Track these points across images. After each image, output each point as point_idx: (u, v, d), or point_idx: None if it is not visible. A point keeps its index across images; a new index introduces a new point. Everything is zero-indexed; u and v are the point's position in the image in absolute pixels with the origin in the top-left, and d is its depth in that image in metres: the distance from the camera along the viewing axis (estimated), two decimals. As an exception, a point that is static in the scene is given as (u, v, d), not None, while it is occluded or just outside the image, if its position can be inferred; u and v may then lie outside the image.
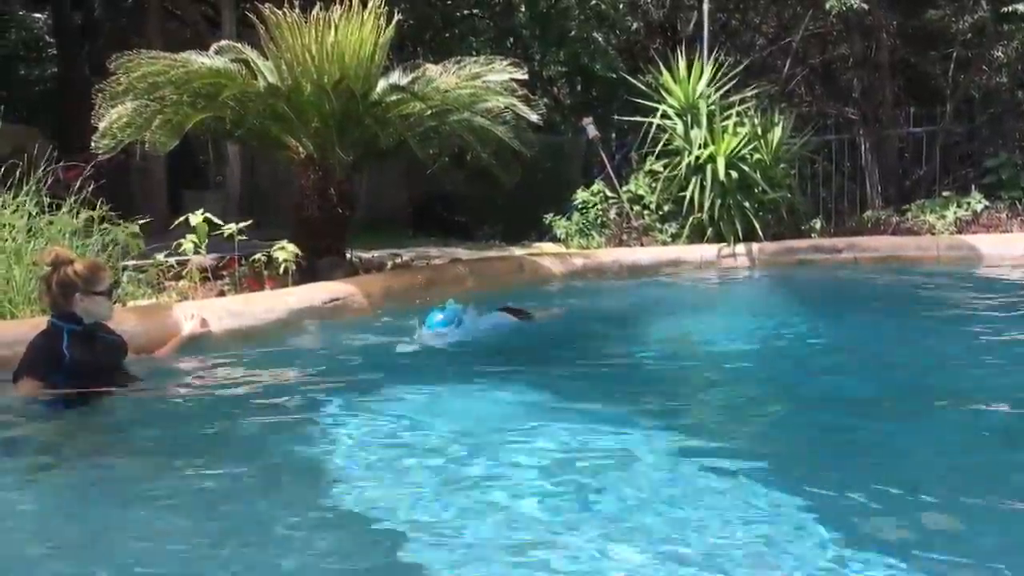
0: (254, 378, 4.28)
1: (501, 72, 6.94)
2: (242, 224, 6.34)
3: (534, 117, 6.90)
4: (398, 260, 8.40)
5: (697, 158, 9.17)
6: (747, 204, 9.02)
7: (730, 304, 7.49)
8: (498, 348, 5.22)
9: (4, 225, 5.22)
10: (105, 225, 5.66)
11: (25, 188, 5.42)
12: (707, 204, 9.02)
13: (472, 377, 4.39)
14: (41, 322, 4.20)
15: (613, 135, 14.11)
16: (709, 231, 9.12)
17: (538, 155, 7.49)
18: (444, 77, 6.93)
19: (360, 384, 4.19)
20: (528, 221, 10.87)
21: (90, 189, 5.67)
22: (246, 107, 6.69)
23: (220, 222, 6.25)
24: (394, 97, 6.76)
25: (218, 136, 9.39)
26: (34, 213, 5.35)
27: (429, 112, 6.80)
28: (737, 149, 9.13)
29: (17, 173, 5.46)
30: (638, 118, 9.79)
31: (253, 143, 8.47)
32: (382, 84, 6.85)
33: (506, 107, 6.89)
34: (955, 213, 9.63)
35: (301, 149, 7.04)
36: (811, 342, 5.58)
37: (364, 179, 7.55)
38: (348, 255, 7.36)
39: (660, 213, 9.65)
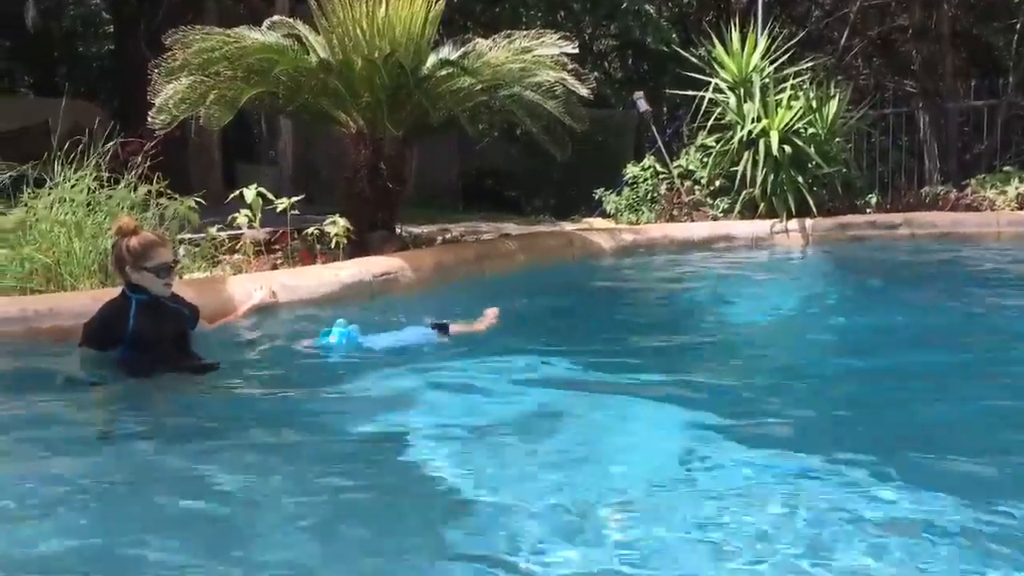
0: (310, 352, 4.32)
1: (551, 46, 6.89)
2: (294, 199, 6.41)
3: (584, 91, 6.85)
4: (448, 235, 8.44)
5: (750, 132, 9.04)
6: (800, 179, 8.88)
7: (782, 281, 7.40)
8: (542, 327, 5.23)
9: (65, 199, 5.34)
10: (162, 199, 5.77)
11: (85, 163, 5.53)
12: (759, 179, 8.90)
13: (517, 351, 4.40)
14: (101, 293, 4.32)
15: (664, 109, 13.98)
16: (761, 207, 9.00)
17: (588, 130, 7.44)
18: (494, 51, 6.91)
19: (414, 359, 4.22)
20: (578, 196, 10.84)
21: (147, 164, 5.77)
22: (298, 82, 6.74)
23: (273, 197, 6.33)
24: (444, 72, 6.76)
25: (271, 111, 9.51)
26: (93, 188, 5.46)
27: (479, 87, 6.79)
28: (791, 123, 8.98)
29: (77, 148, 5.57)
30: (690, 92, 9.67)
31: (305, 118, 8.54)
32: (432, 59, 6.85)
33: (556, 81, 6.84)
34: (1017, 188, 9.37)
35: (352, 124, 7.08)
36: (865, 319, 5.49)
37: (414, 154, 7.56)
38: (398, 230, 7.41)
39: (711, 188, 9.54)
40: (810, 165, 9.01)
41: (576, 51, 6.96)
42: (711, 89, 9.44)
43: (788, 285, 7.18)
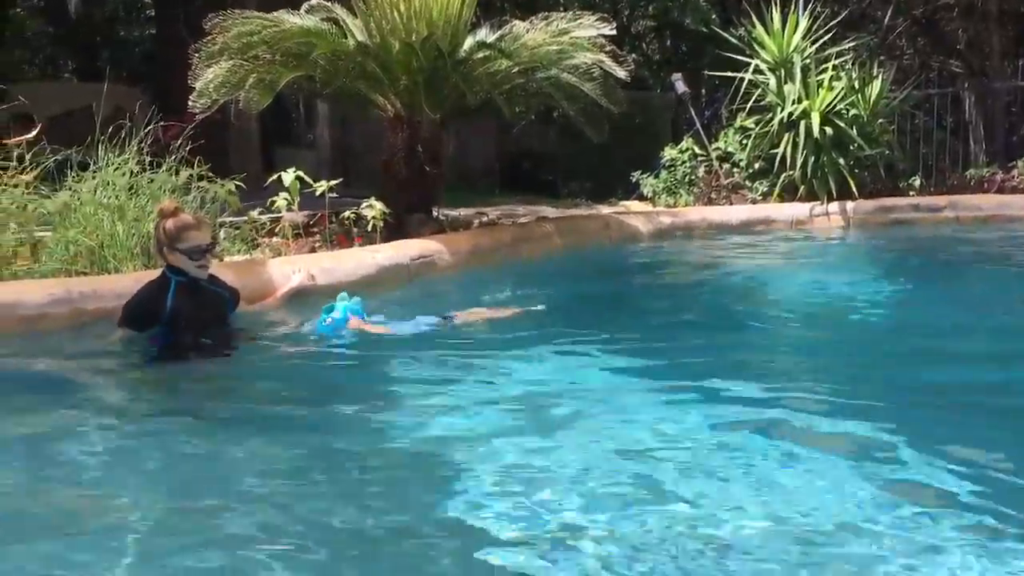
0: (350, 335, 4.34)
1: (589, 28, 6.85)
2: (332, 182, 6.45)
3: (622, 73, 6.80)
4: (485, 218, 8.44)
5: (790, 114, 8.92)
6: (842, 161, 8.76)
7: (822, 264, 7.31)
8: (580, 311, 5.22)
9: (108, 183, 5.41)
10: (203, 183, 5.83)
11: (127, 147, 5.60)
12: (800, 161, 8.79)
13: (553, 334, 4.39)
14: (143, 275, 4.38)
15: (703, 91, 13.84)
16: (801, 189, 8.90)
17: (626, 112, 7.39)
18: (531, 34, 6.88)
19: (451, 342, 4.23)
20: (615, 179, 10.78)
21: (188, 147, 5.83)
22: (336, 65, 6.77)
23: (311, 180, 6.37)
24: (481, 54, 6.75)
25: (309, 94, 9.56)
26: (136, 171, 5.53)
27: (516, 69, 6.77)
28: (832, 104, 8.85)
29: (120, 132, 5.64)
30: (729, 73, 9.57)
31: (343, 101, 8.58)
32: (469, 41, 6.84)
33: (594, 63, 6.80)
34: (1066, 170, 9.17)
35: (389, 107, 7.10)
36: (907, 304, 5.42)
37: (451, 137, 7.57)
38: (435, 213, 7.43)
39: (750, 171, 9.44)
40: (852, 147, 8.88)
41: (614, 32, 6.92)
42: (751, 70, 9.32)
43: (828, 269, 7.09)
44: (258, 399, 3.57)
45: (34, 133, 5.65)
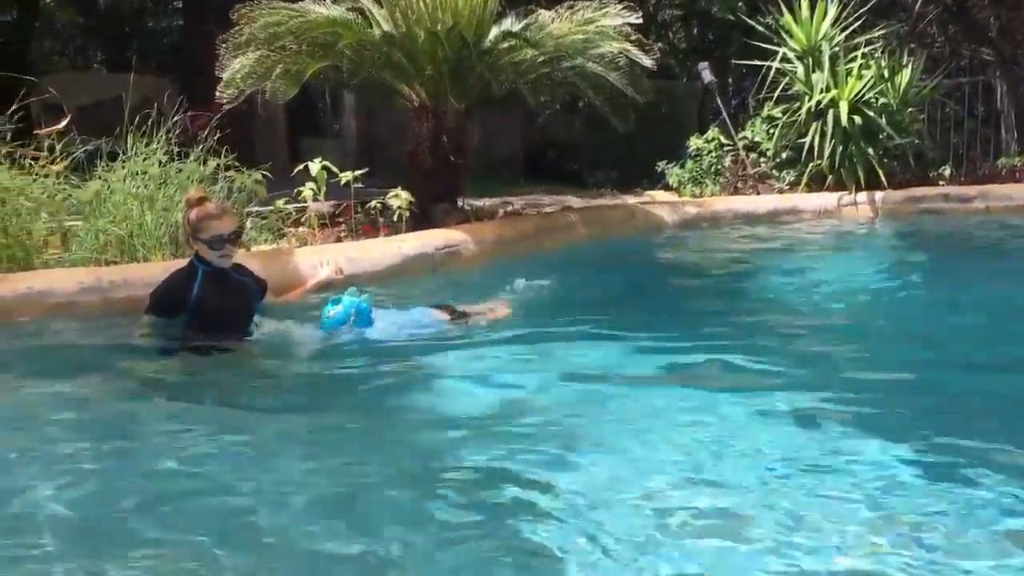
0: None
1: (614, 16, 6.82)
2: (358, 172, 6.47)
3: (648, 62, 6.77)
4: (510, 208, 8.44)
5: (818, 103, 8.84)
6: (871, 151, 8.67)
7: (850, 255, 7.25)
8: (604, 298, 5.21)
9: (137, 173, 5.47)
10: (230, 172, 5.87)
11: (156, 137, 5.65)
12: (827, 151, 8.71)
13: (576, 324, 4.39)
14: (172, 264, 4.43)
15: (730, 80, 13.74)
16: (829, 179, 8.83)
17: (652, 101, 7.35)
18: (557, 23, 6.86)
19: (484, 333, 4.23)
20: (641, 169, 10.73)
21: (216, 137, 5.88)
22: (362, 55, 6.78)
23: (337, 170, 6.39)
24: (506, 44, 6.73)
25: (335, 85, 9.59)
26: (164, 161, 5.58)
27: (541, 59, 6.76)
28: (861, 93, 8.76)
29: (148, 122, 5.70)
30: (756, 62, 9.48)
31: (369, 91, 8.59)
32: (494, 31, 6.83)
33: (619, 52, 6.77)
34: (1100, 160, 9.02)
35: (415, 97, 7.11)
36: (936, 295, 5.37)
37: (476, 127, 7.57)
38: (461, 202, 7.44)
39: (777, 160, 9.37)
40: (881, 136, 8.79)
41: (640, 21, 6.88)
42: (778, 59, 9.24)
43: (856, 259, 7.04)
44: (282, 388, 3.60)
45: (64, 123, 5.71)
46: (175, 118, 5.80)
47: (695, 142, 9.89)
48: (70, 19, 19.14)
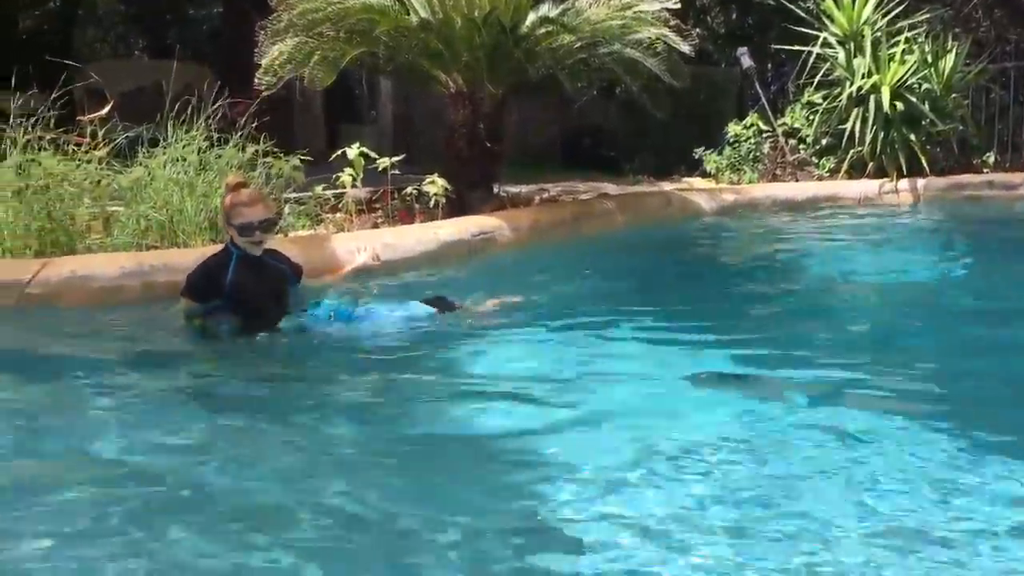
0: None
1: (652, 2, 6.77)
2: (395, 158, 6.50)
3: (686, 48, 6.71)
4: (546, 195, 8.42)
5: (859, 88, 8.71)
6: (913, 137, 8.53)
7: (890, 243, 7.15)
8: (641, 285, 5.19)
9: (177, 159, 5.54)
10: (268, 159, 5.92)
11: (196, 123, 5.71)
12: (869, 137, 8.59)
13: (611, 311, 4.37)
14: (211, 249, 4.48)
15: (769, 65, 13.53)
16: (870, 166, 8.71)
17: (690, 87, 7.30)
18: (594, 8, 6.82)
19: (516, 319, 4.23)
20: (678, 155, 10.64)
21: (254, 124, 5.93)
22: (399, 42, 6.79)
23: (374, 156, 6.42)
24: (543, 30, 6.71)
25: (372, 71, 9.62)
26: (204, 147, 5.65)
27: (579, 44, 6.72)
28: (904, 78, 8.61)
29: (188, 109, 5.76)
30: (796, 47, 9.36)
31: (406, 78, 8.61)
32: (532, 16, 6.80)
33: (657, 38, 6.72)
34: None
35: (451, 83, 7.11)
36: (979, 284, 5.28)
37: (513, 113, 7.56)
38: (496, 189, 7.44)
39: (817, 147, 9.26)
40: (923, 122, 8.65)
41: (678, 6, 6.83)
42: (819, 44, 9.11)
43: (897, 247, 6.94)
44: (305, 378, 3.62)
45: (107, 110, 5.79)
46: (214, 105, 5.86)
47: (733, 128, 9.80)
48: (111, 7, 19.35)
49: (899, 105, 8.52)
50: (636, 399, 3.16)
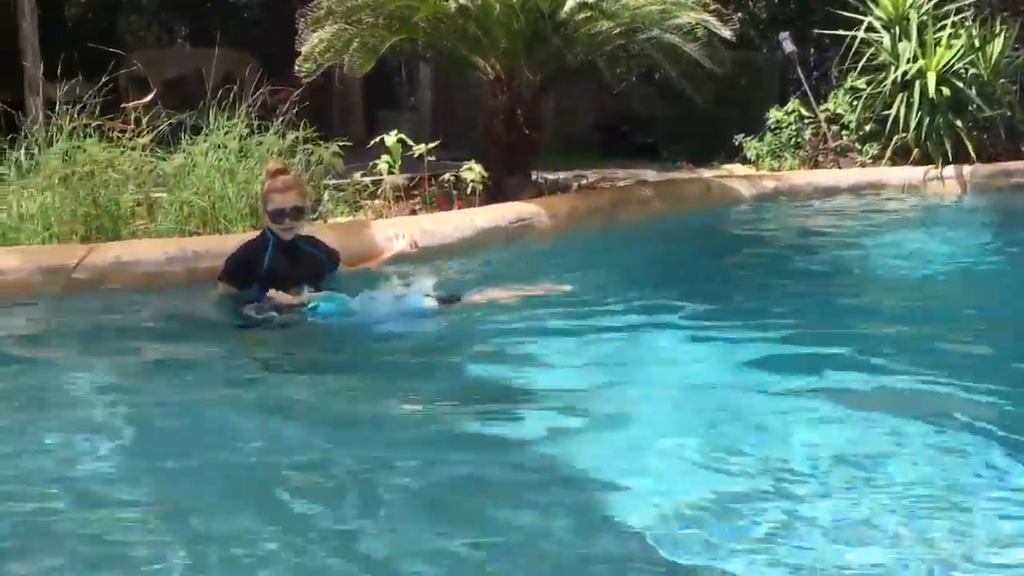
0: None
1: (693, -14, 6.68)
2: (432, 144, 6.51)
3: (727, 33, 6.63)
4: (583, 181, 8.39)
5: (904, 74, 8.56)
6: (959, 123, 8.37)
7: (935, 231, 7.03)
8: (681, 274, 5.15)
9: (219, 146, 5.60)
10: (308, 145, 5.96)
11: (237, 110, 5.77)
12: (913, 123, 8.44)
13: (648, 299, 4.35)
14: (251, 235, 4.53)
15: (812, 50, 13.33)
16: (915, 152, 8.56)
17: (730, 73, 7.21)
18: (633, -7, 6.75)
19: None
20: (718, 142, 10.53)
21: (294, 111, 5.97)
22: (437, 28, 6.79)
23: (412, 143, 6.44)
24: (582, 15, 6.66)
25: (411, 58, 9.62)
26: (245, 134, 5.70)
27: (617, 30, 6.67)
28: (950, 63, 8.45)
29: (229, 96, 5.81)
30: (840, 31, 9.22)
31: (444, 64, 8.61)
32: (570, 2, 6.73)
33: (697, 23, 6.64)
34: None
35: (490, 70, 7.10)
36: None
37: (551, 100, 7.53)
38: (534, 176, 7.43)
39: (860, 133, 9.12)
40: (970, 108, 8.48)
41: (719, -9, 6.74)
42: (863, 28, 8.96)
43: (942, 236, 6.81)
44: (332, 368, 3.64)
45: (150, 97, 5.87)
46: (255, 92, 5.91)
47: (774, 114, 9.68)
48: (154, -5, 19.54)
49: (945, 90, 8.36)
50: (674, 390, 3.14)
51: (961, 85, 8.42)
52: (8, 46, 7.64)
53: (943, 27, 8.64)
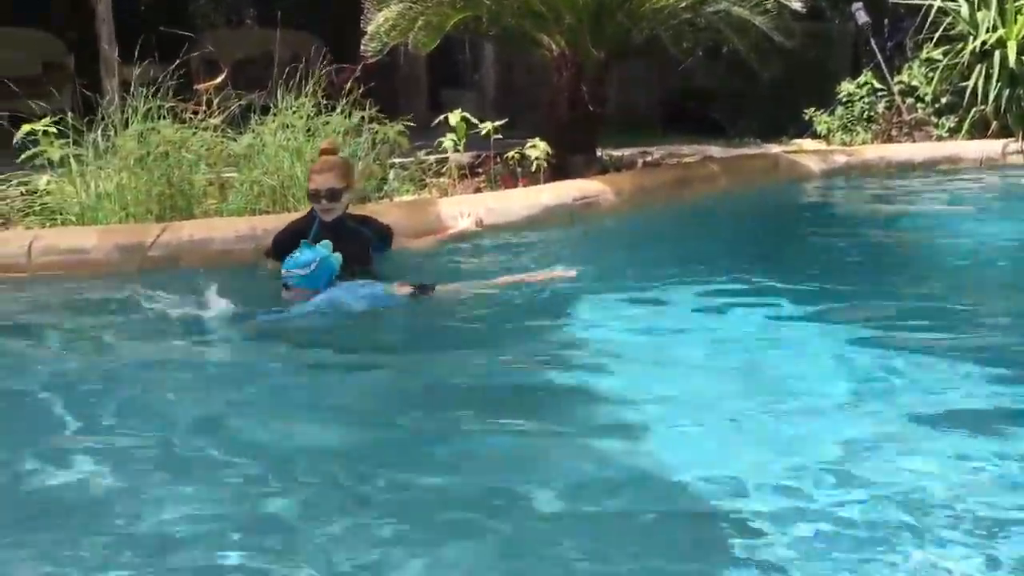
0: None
1: (762, -42, 6.53)
2: (498, 123, 6.51)
3: (797, 5, 6.49)
4: (648, 158, 8.31)
5: (983, 43, 8.28)
6: (1041, 95, 8.08)
7: (1014, 207, 6.80)
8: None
9: (287, 126, 5.68)
10: (373, 124, 6.01)
11: (304, 90, 5.84)
12: (992, 95, 8.17)
13: (713, 276, 4.30)
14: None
15: (886, 20, 12.94)
16: (994, 125, 8.29)
17: (800, 45, 7.05)
18: (701, -34, 6.64)
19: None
20: (787, 117, 10.32)
21: (360, 90, 6.02)
22: (501, 5, 6.76)
23: (476, 121, 6.44)
24: (648, -11, 6.57)
25: (475, 35, 9.60)
26: (312, 114, 5.78)
27: (683, 4, 6.56)
28: (1033, 32, 8.14)
29: (296, 76, 5.89)
30: (916, 1, 8.93)
31: (508, 42, 8.58)
32: (636, -24, 6.68)
33: (767, -6, 6.51)
34: None
35: (554, 46, 7.06)
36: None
37: (615, 76, 7.45)
38: (599, 153, 7.38)
39: (936, 106, 8.86)
40: (1054, 79, 8.17)
41: (789, -38, 6.57)
42: (941, -4, 8.68)
43: (1021, 212, 6.60)
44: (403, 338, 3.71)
45: (220, 78, 5.98)
46: (322, 72, 5.97)
47: (846, 87, 9.45)
48: (223, -23, 19.83)
49: (1027, 61, 8.07)
50: (741, 365, 3.12)
51: (1044, 55, 8.12)
52: (85, 31, 7.84)
53: (1025, -6, 8.32)
